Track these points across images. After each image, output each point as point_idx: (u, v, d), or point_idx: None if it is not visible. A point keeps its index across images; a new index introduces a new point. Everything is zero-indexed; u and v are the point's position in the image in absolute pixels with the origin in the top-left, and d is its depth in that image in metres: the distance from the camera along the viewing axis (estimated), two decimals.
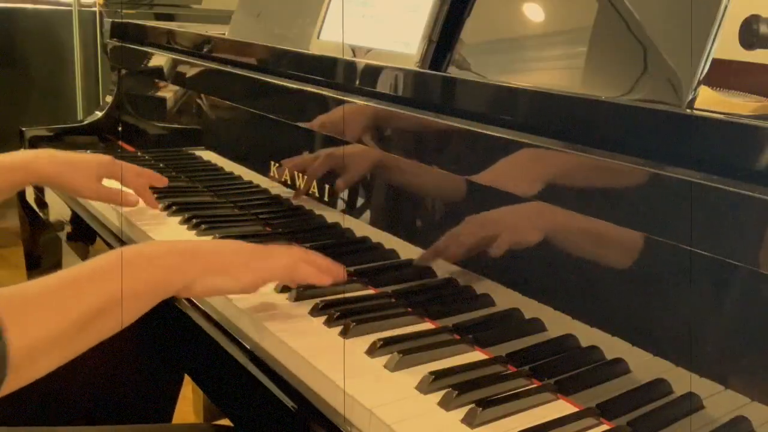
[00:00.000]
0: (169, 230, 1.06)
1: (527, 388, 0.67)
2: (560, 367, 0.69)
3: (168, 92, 1.46)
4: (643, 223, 0.62)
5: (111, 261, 0.70)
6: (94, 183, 1.10)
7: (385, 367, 0.70)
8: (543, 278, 0.74)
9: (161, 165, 1.42)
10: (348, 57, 1.02)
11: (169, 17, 2.66)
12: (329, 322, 0.77)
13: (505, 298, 0.78)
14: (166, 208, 1.15)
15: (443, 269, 0.85)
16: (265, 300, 0.83)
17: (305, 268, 0.81)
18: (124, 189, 1.13)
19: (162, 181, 1.18)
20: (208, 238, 1.01)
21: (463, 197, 0.82)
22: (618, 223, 0.65)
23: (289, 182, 1.08)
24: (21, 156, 1.14)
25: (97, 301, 0.67)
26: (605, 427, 0.63)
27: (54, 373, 0.66)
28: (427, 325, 0.79)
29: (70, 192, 1.17)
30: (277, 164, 1.10)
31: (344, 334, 0.75)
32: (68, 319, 0.64)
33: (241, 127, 1.24)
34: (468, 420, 0.61)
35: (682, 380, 0.63)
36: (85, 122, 1.69)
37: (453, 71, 0.91)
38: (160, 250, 0.76)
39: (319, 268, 0.82)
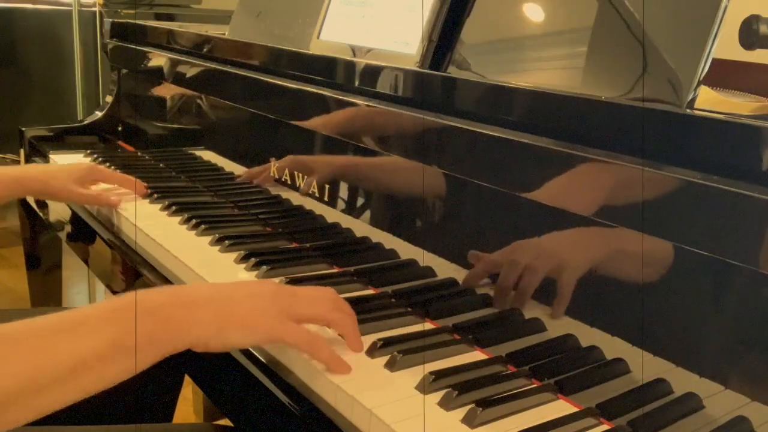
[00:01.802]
0: (170, 230, 1.06)
1: (527, 388, 0.67)
2: (560, 367, 0.69)
3: (168, 92, 1.46)
4: (643, 223, 0.62)
5: (104, 309, 0.64)
6: (78, 188, 1.18)
7: (385, 367, 0.70)
8: (543, 278, 0.74)
9: (161, 165, 1.42)
10: (348, 57, 1.02)
11: (169, 17, 2.66)
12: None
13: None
14: (166, 208, 1.15)
15: (443, 269, 0.85)
16: None
17: (340, 319, 0.72)
18: (108, 187, 1.22)
19: (137, 188, 1.22)
20: (208, 238, 1.01)
21: (463, 197, 0.82)
22: (618, 223, 0.65)
23: (289, 182, 1.08)
24: (12, 171, 1.23)
25: (82, 350, 0.60)
26: (605, 427, 0.63)
27: None
28: (427, 326, 0.79)
29: (57, 199, 1.28)
30: (277, 164, 1.10)
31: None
32: (56, 363, 0.59)
33: (241, 127, 1.24)
34: (468, 420, 0.61)
35: (682, 380, 0.63)
36: (85, 122, 1.69)
37: (453, 71, 0.91)
38: (162, 300, 0.66)
39: (352, 321, 0.73)
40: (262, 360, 0.75)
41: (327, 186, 1.00)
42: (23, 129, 1.62)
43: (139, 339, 0.62)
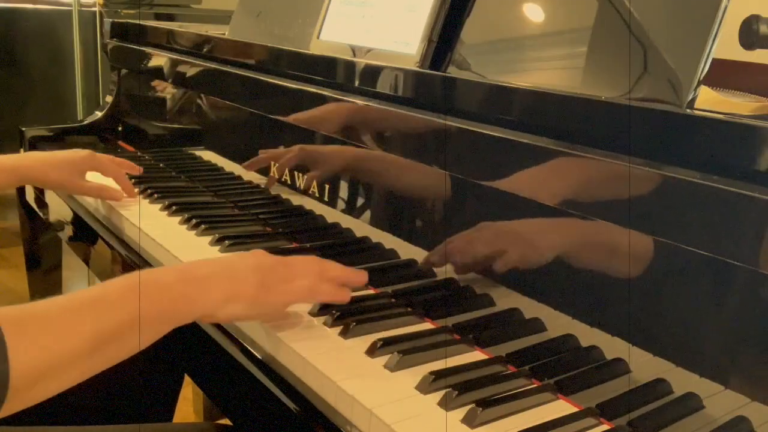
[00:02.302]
0: (170, 230, 1.06)
1: (527, 388, 0.67)
2: (560, 367, 0.69)
3: (168, 92, 1.46)
4: (643, 223, 0.62)
5: (121, 286, 0.68)
6: (78, 179, 1.18)
7: (385, 367, 0.70)
8: (543, 278, 0.74)
9: (161, 165, 1.42)
10: (348, 57, 1.02)
11: (169, 17, 2.66)
12: (329, 323, 0.77)
13: (505, 298, 0.78)
14: (166, 208, 1.15)
15: (443, 269, 0.85)
16: None
17: (325, 287, 0.78)
18: (108, 181, 1.21)
19: (136, 169, 1.26)
20: (209, 238, 1.01)
21: (463, 197, 0.82)
22: (618, 223, 0.65)
23: (288, 182, 1.08)
24: (9, 159, 1.22)
25: (105, 327, 0.64)
26: (605, 427, 0.63)
27: None
28: (427, 325, 0.79)
29: (56, 189, 1.26)
30: (276, 164, 1.10)
31: (344, 334, 0.75)
32: (74, 343, 0.62)
33: (241, 127, 1.24)
34: (468, 420, 0.61)
35: (682, 380, 0.63)
36: (85, 122, 1.69)
37: (453, 71, 0.91)
38: (173, 278, 0.71)
39: (338, 280, 0.79)
40: (262, 359, 0.75)
41: (327, 186, 1.00)
42: (23, 129, 1.62)
43: (153, 314, 0.67)
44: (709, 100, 0.80)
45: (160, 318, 0.68)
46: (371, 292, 0.87)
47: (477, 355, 0.74)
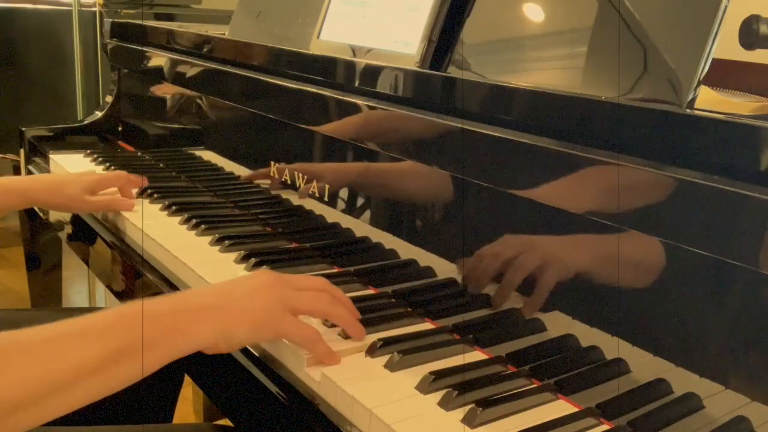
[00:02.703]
0: (170, 230, 1.06)
1: (527, 388, 0.67)
2: (560, 367, 0.69)
3: (168, 92, 1.46)
4: (643, 223, 0.62)
5: (111, 316, 0.65)
6: (86, 197, 1.16)
7: (385, 367, 0.70)
8: (538, 277, 0.74)
9: (161, 165, 1.42)
10: (348, 57, 1.02)
11: (169, 17, 2.66)
12: (329, 322, 0.77)
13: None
14: (166, 208, 1.15)
15: (443, 269, 0.85)
16: None
17: (339, 312, 0.74)
18: (112, 191, 1.19)
19: (140, 182, 1.23)
20: (208, 238, 1.01)
21: (463, 198, 0.82)
22: (618, 223, 0.65)
23: (288, 182, 1.08)
24: (19, 182, 1.24)
25: (89, 357, 0.61)
26: (605, 427, 0.63)
27: None
28: (427, 325, 0.79)
29: (64, 210, 1.26)
30: (276, 164, 1.10)
31: (344, 334, 0.75)
32: (56, 374, 0.60)
33: (241, 127, 1.24)
34: (468, 420, 0.61)
35: (682, 380, 0.63)
36: (85, 122, 1.69)
37: (453, 71, 0.91)
38: (166, 308, 0.67)
39: (349, 310, 0.76)
40: (262, 359, 0.75)
41: (327, 186, 1.00)
42: (23, 129, 1.62)
43: (145, 345, 0.63)
44: (709, 100, 0.80)
45: (150, 349, 0.64)
46: (371, 292, 0.87)
47: (477, 355, 0.74)
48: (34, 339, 0.61)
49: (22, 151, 1.63)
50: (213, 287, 0.79)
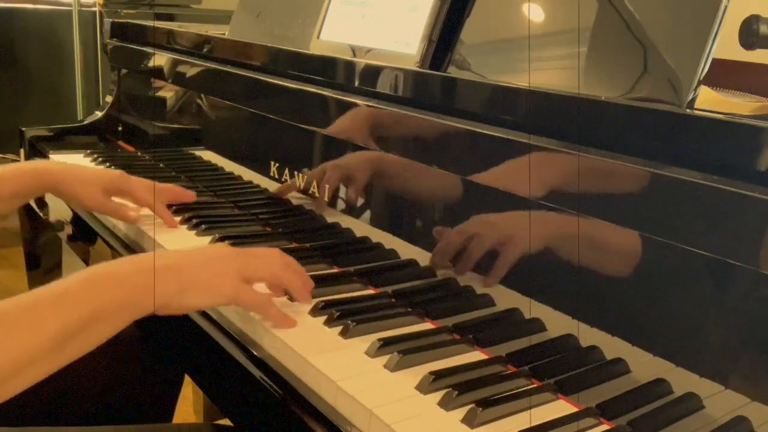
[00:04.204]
0: (170, 230, 1.06)
1: (527, 388, 0.67)
2: (560, 367, 0.69)
3: (168, 92, 1.46)
4: (643, 223, 0.62)
5: (80, 282, 0.69)
6: (101, 197, 1.09)
7: (385, 367, 0.70)
8: (543, 278, 0.74)
9: (161, 165, 1.42)
10: (348, 57, 1.02)
11: (169, 17, 2.66)
12: (329, 322, 0.77)
13: (505, 298, 0.78)
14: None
15: (443, 269, 0.85)
16: None
17: (289, 274, 0.80)
18: (133, 204, 1.11)
19: (186, 197, 1.13)
20: (208, 238, 1.02)
21: (463, 198, 0.82)
22: (618, 223, 0.65)
23: (288, 182, 1.08)
24: (33, 164, 1.16)
25: (67, 322, 0.65)
26: (605, 427, 0.63)
27: (55, 373, 0.66)
28: (427, 325, 0.79)
29: (76, 203, 1.16)
30: (276, 164, 1.10)
31: (344, 334, 0.75)
32: (45, 336, 0.64)
33: (241, 127, 1.24)
34: (468, 420, 0.61)
35: (682, 380, 0.63)
36: (85, 122, 1.69)
37: (453, 71, 0.91)
38: (130, 269, 0.72)
39: (300, 278, 0.81)
40: (262, 359, 0.75)
41: (327, 186, 1.00)
42: (23, 129, 1.62)
43: (114, 306, 0.69)
44: (709, 100, 0.80)
45: (120, 310, 0.69)
46: (371, 292, 0.87)
47: (477, 355, 0.74)
48: (13, 310, 0.64)
49: (22, 151, 1.63)
50: (172, 252, 0.83)
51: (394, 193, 0.93)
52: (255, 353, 0.76)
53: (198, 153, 1.36)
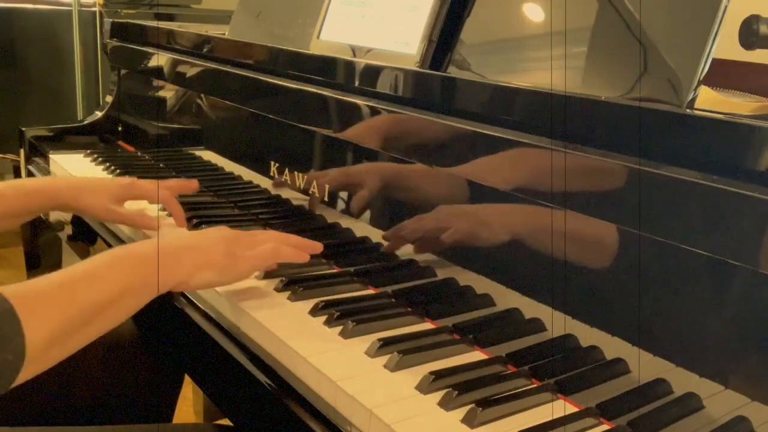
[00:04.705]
0: (170, 230, 1.06)
1: (527, 388, 0.67)
2: (560, 367, 0.69)
3: (168, 92, 1.46)
4: (644, 223, 0.62)
5: (106, 261, 0.75)
6: (113, 206, 1.07)
7: (385, 367, 0.70)
8: (543, 278, 0.74)
9: (161, 165, 1.42)
10: (348, 57, 1.02)
11: (169, 17, 2.66)
12: (329, 322, 0.77)
13: (505, 298, 0.78)
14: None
15: (443, 269, 0.85)
16: (264, 299, 0.83)
17: (286, 249, 0.86)
18: (151, 206, 1.12)
19: (191, 187, 1.15)
20: None
21: (464, 198, 0.82)
22: (618, 223, 0.65)
23: (288, 182, 1.08)
24: (40, 181, 1.21)
25: (98, 298, 0.71)
26: (605, 427, 0.63)
27: (55, 373, 0.67)
28: (427, 325, 0.79)
29: (89, 216, 1.15)
30: (276, 164, 1.10)
31: (344, 334, 0.75)
32: (76, 312, 0.69)
33: (241, 127, 1.24)
34: (468, 420, 0.61)
35: (682, 380, 0.63)
36: (85, 122, 1.69)
37: (453, 71, 0.91)
38: (150, 251, 0.78)
39: (297, 246, 0.88)
40: (262, 359, 0.75)
41: (327, 186, 1.00)
42: (23, 129, 1.62)
43: (138, 284, 0.75)
44: (709, 100, 0.80)
45: (143, 287, 0.75)
46: (371, 292, 0.87)
47: (477, 355, 0.74)
48: (50, 286, 0.70)
49: (22, 151, 1.63)
50: (183, 233, 0.93)
51: (394, 193, 0.93)
52: (255, 353, 0.76)
53: (198, 153, 1.36)
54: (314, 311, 0.80)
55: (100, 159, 1.44)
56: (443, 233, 0.84)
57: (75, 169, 1.38)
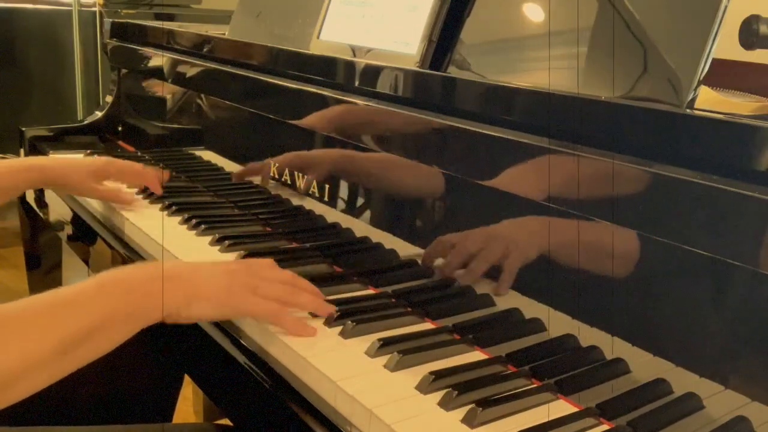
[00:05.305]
0: (170, 230, 1.06)
1: (527, 388, 0.67)
2: (560, 367, 0.69)
3: (168, 92, 1.46)
4: (643, 223, 0.62)
5: (90, 288, 0.70)
6: (94, 183, 1.16)
7: (385, 367, 0.70)
8: (543, 278, 0.74)
9: (161, 165, 1.42)
10: (348, 57, 1.02)
11: (169, 17, 2.66)
12: (329, 322, 0.77)
13: (505, 298, 0.78)
14: (166, 208, 1.15)
15: (442, 269, 0.85)
16: None
17: (289, 321, 0.75)
18: (122, 187, 1.21)
19: (156, 186, 1.20)
20: (208, 238, 1.01)
21: (463, 197, 0.82)
22: (618, 223, 0.65)
23: (288, 182, 1.08)
24: (27, 159, 1.25)
25: (76, 329, 0.66)
26: (605, 427, 0.63)
27: None
28: (427, 325, 0.79)
29: (71, 191, 1.24)
30: (276, 164, 1.10)
31: (344, 334, 0.75)
32: (49, 344, 0.64)
33: (241, 127, 1.24)
34: (468, 420, 0.61)
35: (682, 380, 0.63)
36: (85, 122, 1.69)
37: (453, 71, 0.91)
38: (140, 277, 0.73)
39: (305, 308, 0.78)
40: (262, 359, 0.75)
41: (327, 186, 1.00)
42: (23, 129, 1.62)
43: (122, 314, 0.69)
44: (709, 100, 0.80)
45: (129, 317, 0.70)
46: (371, 292, 0.87)
47: (477, 355, 0.74)
48: (26, 313, 0.65)
49: (22, 151, 1.63)
50: (182, 262, 0.85)
51: (394, 193, 0.93)
52: (255, 353, 0.76)
53: (198, 153, 1.36)
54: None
55: None
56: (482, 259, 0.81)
57: None
